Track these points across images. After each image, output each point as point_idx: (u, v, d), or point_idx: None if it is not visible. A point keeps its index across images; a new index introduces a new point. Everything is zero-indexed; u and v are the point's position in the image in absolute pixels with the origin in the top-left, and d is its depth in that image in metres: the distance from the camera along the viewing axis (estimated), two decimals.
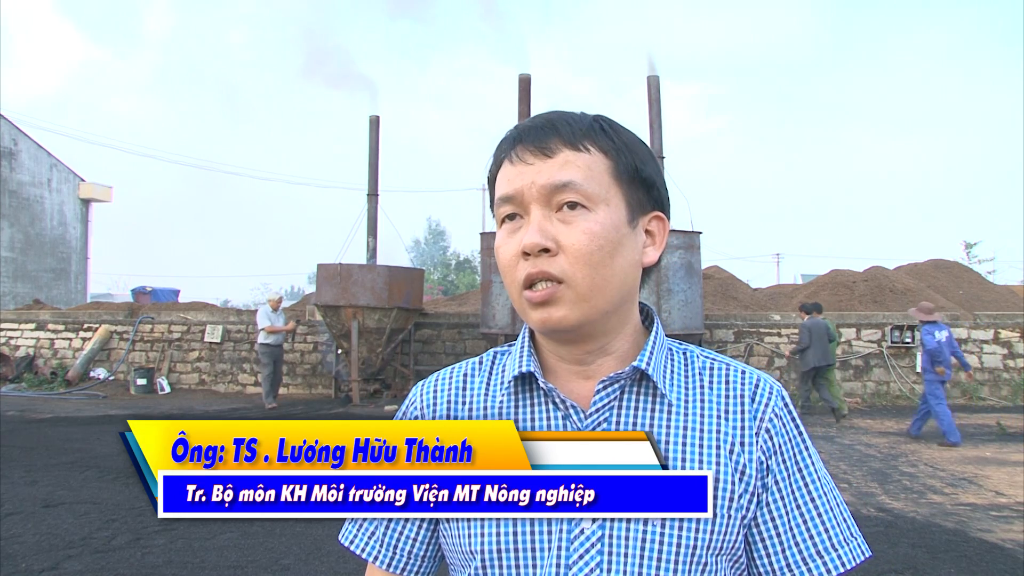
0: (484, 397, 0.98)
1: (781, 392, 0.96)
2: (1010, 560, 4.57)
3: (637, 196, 0.92)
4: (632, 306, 0.96)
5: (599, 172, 0.89)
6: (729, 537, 0.88)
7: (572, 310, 0.88)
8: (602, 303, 0.89)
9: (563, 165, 0.88)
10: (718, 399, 0.93)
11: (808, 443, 0.95)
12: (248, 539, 4.88)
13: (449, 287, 40.12)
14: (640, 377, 0.93)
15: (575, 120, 0.91)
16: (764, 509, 0.92)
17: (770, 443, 0.92)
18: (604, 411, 0.92)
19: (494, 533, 0.90)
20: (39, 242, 29.64)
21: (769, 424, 0.93)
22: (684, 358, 0.97)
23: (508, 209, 0.91)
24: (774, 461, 0.92)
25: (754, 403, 0.93)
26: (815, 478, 0.94)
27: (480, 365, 1.03)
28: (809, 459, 0.94)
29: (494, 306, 12.52)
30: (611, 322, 0.93)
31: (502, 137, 0.95)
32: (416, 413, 1.01)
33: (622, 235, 0.89)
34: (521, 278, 0.89)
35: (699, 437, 0.90)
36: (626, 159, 0.91)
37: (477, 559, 0.91)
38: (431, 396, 1.01)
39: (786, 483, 0.92)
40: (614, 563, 0.87)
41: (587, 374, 0.95)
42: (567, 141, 0.89)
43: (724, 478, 0.89)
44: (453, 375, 1.03)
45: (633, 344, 0.96)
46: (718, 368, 0.96)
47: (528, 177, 0.89)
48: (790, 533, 0.91)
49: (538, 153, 0.89)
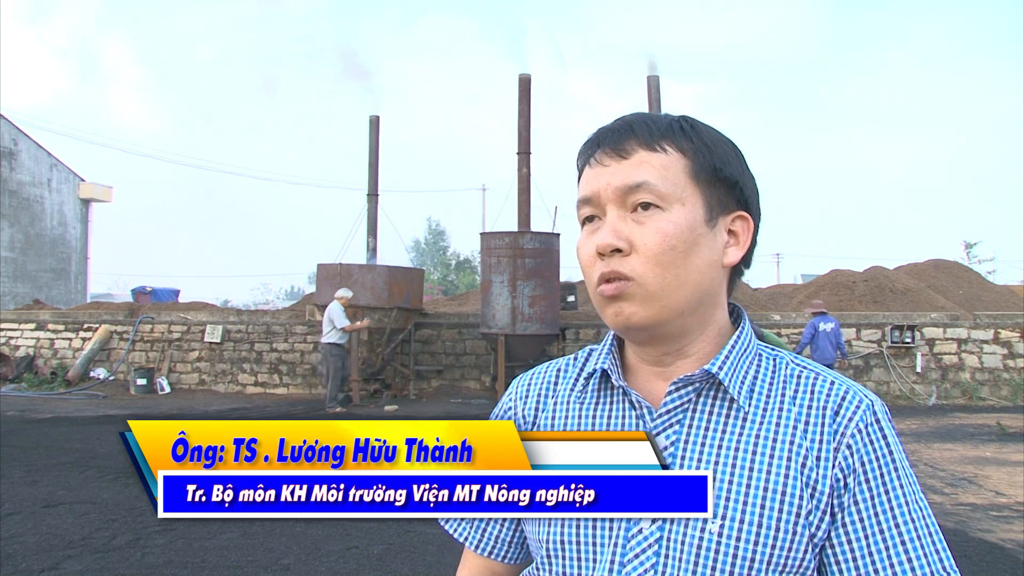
0: (571, 392, 0.99)
1: (872, 406, 0.89)
2: (1010, 560, 4.57)
3: (717, 195, 0.91)
4: (714, 308, 0.93)
5: (675, 172, 0.89)
6: (794, 555, 0.84)
7: (642, 307, 0.88)
8: (675, 303, 0.88)
9: (638, 166, 0.88)
10: (799, 410, 0.89)
11: (900, 463, 0.88)
12: (248, 539, 4.88)
13: (449, 287, 40.14)
14: (717, 382, 0.91)
15: (653, 121, 0.91)
16: (840, 530, 0.86)
17: (851, 460, 0.86)
18: (676, 413, 0.91)
19: (559, 525, 0.91)
20: (39, 242, 29.64)
21: (851, 440, 0.87)
22: (773, 364, 0.94)
23: (587, 211, 0.92)
24: (853, 479, 0.86)
25: (838, 417, 0.88)
26: (903, 502, 0.86)
27: (575, 361, 1.04)
28: (898, 480, 0.87)
29: (494, 306, 12.51)
30: (688, 323, 0.91)
31: (584, 140, 0.96)
32: (509, 404, 1.04)
33: (698, 235, 0.88)
34: (596, 277, 0.90)
35: (771, 448, 0.87)
36: (704, 158, 0.90)
37: (543, 548, 0.93)
38: (525, 388, 1.04)
39: (867, 504, 0.85)
40: (669, 566, 0.86)
41: (666, 375, 0.94)
42: (643, 142, 0.89)
43: (792, 492, 0.85)
44: (548, 369, 1.05)
45: (716, 347, 0.94)
46: (806, 377, 0.92)
47: (604, 179, 0.90)
48: (868, 559, 0.85)
49: (614, 155, 0.90)
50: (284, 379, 15.06)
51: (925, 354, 13.50)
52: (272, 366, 15.13)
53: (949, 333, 13.63)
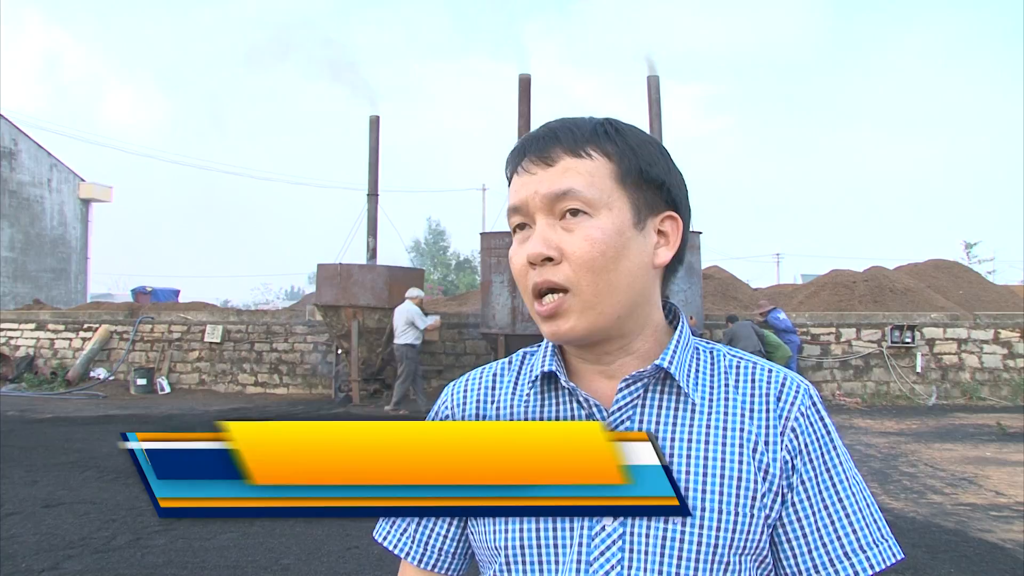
0: (512, 396, 0.99)
1: (808, 391, 0.94)
2: (1010, 560, 4.57)
3: (644, 197, 0.91)
4: (649, 307, 0.95)
5: (601, 177, 0.89)
6: (753, 536, 0.88)
7: (580, 319, 0.88)
8: (610, 308, 0.89)
9: (563, 173, 0.89)
10: (743, 398, 0.93)
11: (837, 443, 0.94)
12: (248, 539, 4.88)
13: (449, 287, 40.10)
14: (664, 376, 0.93)
15: (577, 126, 0.92)
16: (790, 509, 0.90)
17: (796, 442, 0.91)
18: (627, 410, 0.91)
19: (517, 530, 0.90)
20: (39, 242, 29.65)
21: (795, 423, 0.91)
22: (711, 357, 0.97)
23: (517, 219, 0.92)
24: (799, 460, 0.91)
25: (780, 402, 0.92)
26: (843, 478, 0.92)
27: (509, 365, 1.03)
28: (837, 459, 0.93)
29: (494, 306, 12.51)
30: (627, 325, 0.92)
31: (510, 149, 0.96)
32: (447, 412, 1.02)
33: (627, 239, 0.89)
34: (530, 286, 0.90)
35: (722, 436, 0.90)
36: (630, 161, 0.91)
37: (501, 555, 0.91)
38: (461, 396, 1.02)
39: (813, 483, 0.91)
40: (634, 561, 0.86)
41: (609, 373, 0.95)
42: (568, 148, 0.90)
43: (747, 477, 0.88)
44: (483, 375, 1.04)
45: (656, 343, 0.95)
46: (745, 367, 0.95)
47: (532, 187, 0.90)
48: (817, 534, 0.90)
49: (540, 163, 0.90)
50: (284, 379, 15.06)
51: (925, 354, 13.50)
52: (272, 366, 15.14)
53: (949, 333, 13.64)
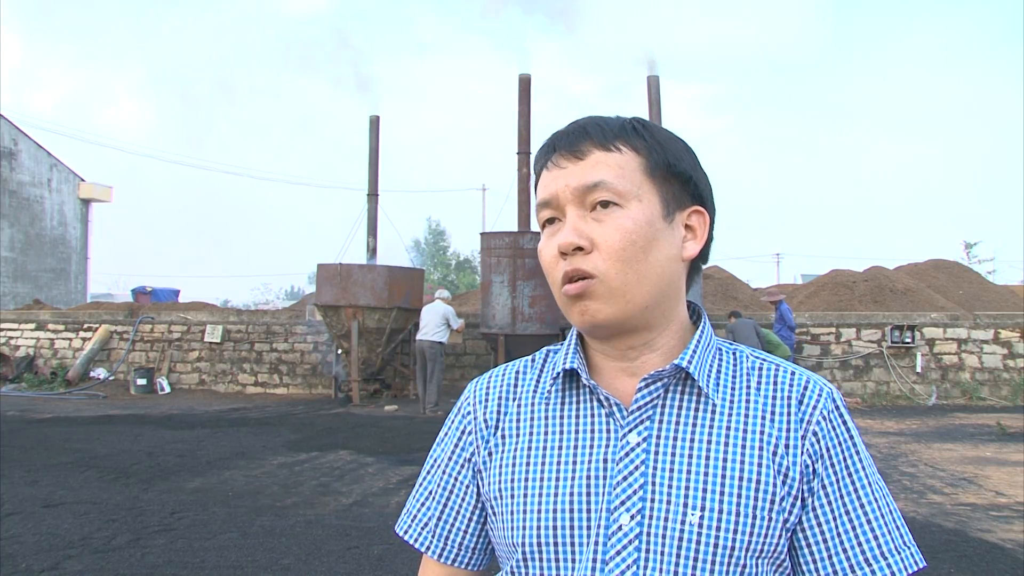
0: (533, 394, 0.99)
1: (832, 395, 0.93)
2: (1010, 560, 4.57)
3: (672, 191, 0.93)
4: (676, 302, 0.95)
5: (630, 170, 0.91)
6: (770, 540, 0.87)
7: (607, 304, 0.89)
8: (638, 298, 0.90)
9: (594, 166, 0.90)
10: (765, 400, 0.92)
11: (860, 447, 0.93)
12: (248, 539, 4.88)
13: (449, 287, 40.09)
14: (684, 376, 0.93)
15: (606, 123, 0.94)
16: (811, 513, 0.90)
17: (817, 446, 0.90)
18: (647, 409, 0.91)
19: (535, 527, 0.90)
20: (39, 242, 29.63)
21: (817, 427, 0.91)
22: (733, 358, 0.97)
23: (547, 213, 0.93)
24: (821, 465, 0.90)
25: (802, 405, 0.92)
26: (865, 483, 0.91)
27: (532, 363, 1.04)
28: (860, 464, 0.92)
29: (494, 306, 12.51)
30: (653, 317, 0.93)
31: (540, 146, 0.98)
32: (468, 409, 1.03)
33: (656, 230, 0.90)
34: (560, 277, 0.91)
35: (742, 438, 0.90)
36: (658, 155, 0.92)
37: (519, 552, 0.92)
38: (483, 392, 1.03)
39: (834, 487, 0.90)
40: (650, 561, 0.86)
41: (632, 371, 0.95)
42: (598, 143, 0.92)
43: (766, 480, 0.88)
44: (506, 372, 1.04)
45: (680, 341, 0.96)
46: (767, 369, 0.95)
47: (562, 180, 0.91)
48: (838, 539, 0.89)
49: (570, 157, 0.92)
50: (284, 379, 15.06)
51: (925, 354, 13.50)
52: (272, 366, 15.14)
53: (949, 333, 13.64)
